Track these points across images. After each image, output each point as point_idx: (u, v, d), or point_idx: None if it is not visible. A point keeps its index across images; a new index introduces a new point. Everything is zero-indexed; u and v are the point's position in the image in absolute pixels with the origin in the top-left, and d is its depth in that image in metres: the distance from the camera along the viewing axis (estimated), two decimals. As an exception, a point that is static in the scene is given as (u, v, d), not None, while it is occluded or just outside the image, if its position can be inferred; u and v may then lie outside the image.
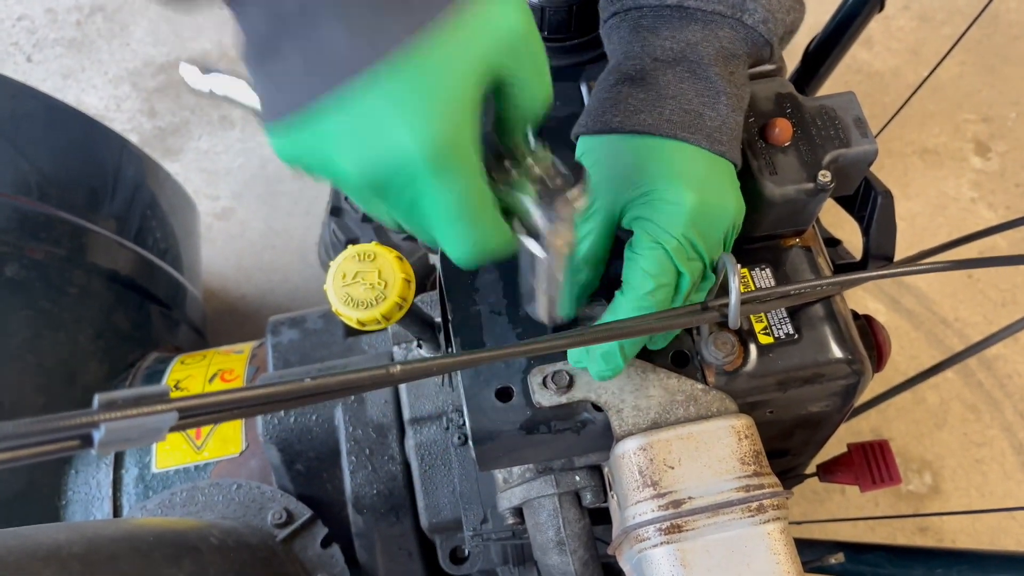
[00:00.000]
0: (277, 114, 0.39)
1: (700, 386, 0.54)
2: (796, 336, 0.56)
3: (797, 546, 0.50)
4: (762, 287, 0.57)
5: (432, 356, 0.70)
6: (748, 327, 0.56)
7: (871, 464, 0.78)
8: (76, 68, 1.62)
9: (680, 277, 0.50)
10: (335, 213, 1.22)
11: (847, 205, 0.65)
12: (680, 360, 0.56)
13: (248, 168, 1.53)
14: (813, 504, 1.25)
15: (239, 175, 1.53)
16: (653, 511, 0.49)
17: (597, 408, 0.54)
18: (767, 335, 0.56)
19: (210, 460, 0.84)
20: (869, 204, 0.62)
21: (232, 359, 0.93)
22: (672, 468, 0.50)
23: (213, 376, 0.91)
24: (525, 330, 0.57)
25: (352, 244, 0.70)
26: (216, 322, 1.38)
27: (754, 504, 0.49)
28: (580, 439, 0.56)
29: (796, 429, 0.63)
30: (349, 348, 0.90)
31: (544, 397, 0.54)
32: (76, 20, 1.65)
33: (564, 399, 0.54)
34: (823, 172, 0.53)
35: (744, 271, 0.58)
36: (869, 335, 0.62)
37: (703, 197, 0.50)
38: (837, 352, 0.55)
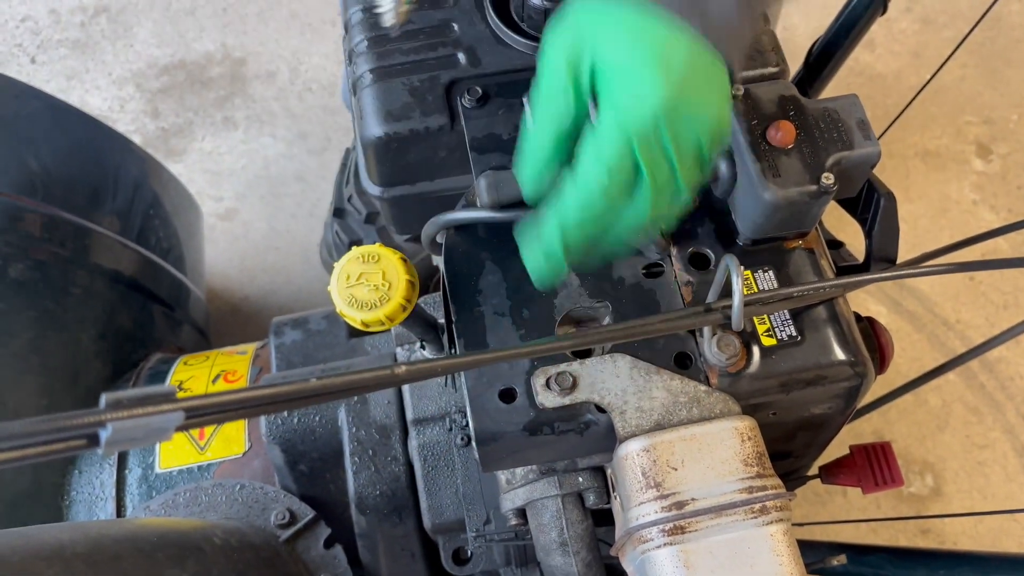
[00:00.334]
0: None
1: (703, 388, 0.54)
2: (799, 338, 0.56)
3: (799, 547, 0.50)
4: (765, 289, 0.57)
5: (436, 357, 0.71)
6: (751, 329, 0.56)
7: (873, 466, 0.78)
8: (80, 69, 1.62)
9: (639, 178, 0.46)
10: (338, 214, 1.23)
11: (850, 207, 0.65)
12: (683, 362, 0.56)
13: (251, 169, 1.53)
14: (815, 506, 1.25)
15: (242, 176, 1.53)
16: (656, 512, 0.49)
17: (600, 409, 0.54)
18: (770, 337, 0.56)
19: (213, 460, 0.84)
20: (872, 206, 0.62)
21: (235, 360, 0.93)
22: (675, 469, 0.50)
23: (216, 377, 0.91)
24: (528, 332, 0.57)
25: (356, 245, 0.70)
26: (219, 323, 1.38)
27: (757, 505, 0.49)
28: (583, 440, 0.56)
29: (799, 431, 0.63)
30: (352, 349, 0.90)
31: (547, 398, 0.54)
32: (80, 21, 1.66)
33: (567, 400, 0.54)
34: (826, 174, 0.53)
35: (747, 273, 0.58)
36: (872, 337, 0.62)
37: (682, 91, 0.45)
38: (840, 354, 0.55)
